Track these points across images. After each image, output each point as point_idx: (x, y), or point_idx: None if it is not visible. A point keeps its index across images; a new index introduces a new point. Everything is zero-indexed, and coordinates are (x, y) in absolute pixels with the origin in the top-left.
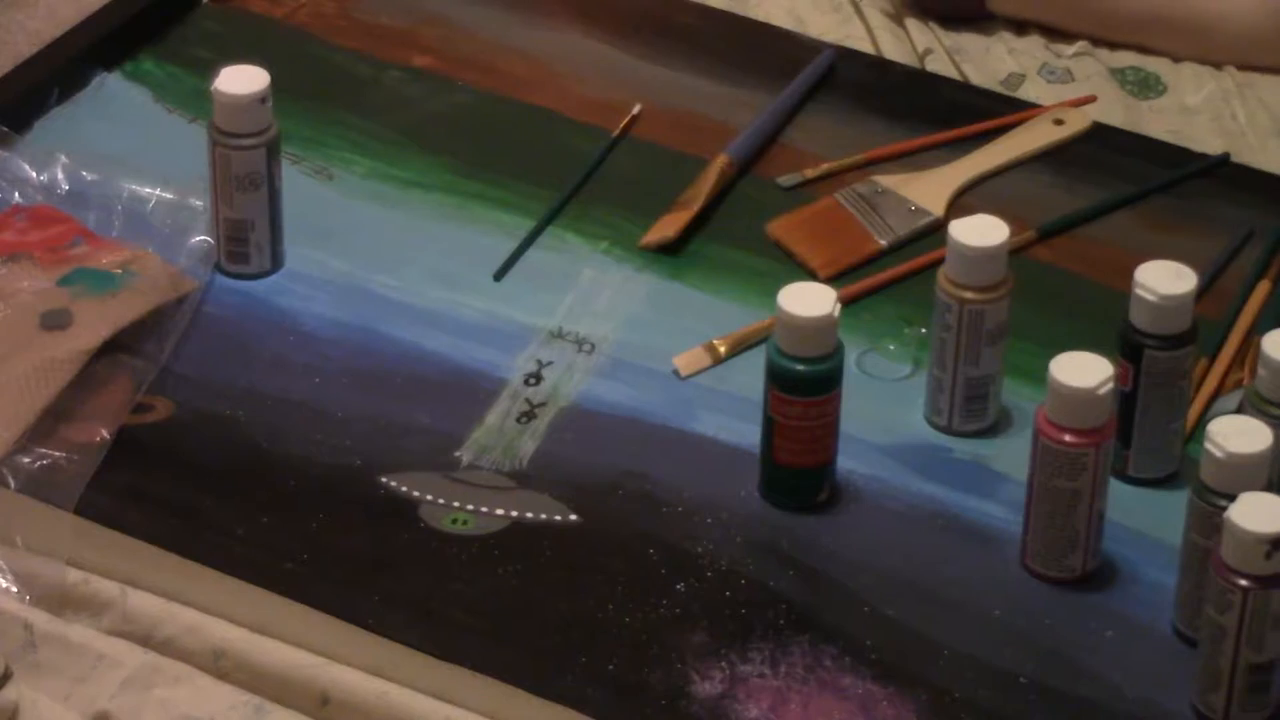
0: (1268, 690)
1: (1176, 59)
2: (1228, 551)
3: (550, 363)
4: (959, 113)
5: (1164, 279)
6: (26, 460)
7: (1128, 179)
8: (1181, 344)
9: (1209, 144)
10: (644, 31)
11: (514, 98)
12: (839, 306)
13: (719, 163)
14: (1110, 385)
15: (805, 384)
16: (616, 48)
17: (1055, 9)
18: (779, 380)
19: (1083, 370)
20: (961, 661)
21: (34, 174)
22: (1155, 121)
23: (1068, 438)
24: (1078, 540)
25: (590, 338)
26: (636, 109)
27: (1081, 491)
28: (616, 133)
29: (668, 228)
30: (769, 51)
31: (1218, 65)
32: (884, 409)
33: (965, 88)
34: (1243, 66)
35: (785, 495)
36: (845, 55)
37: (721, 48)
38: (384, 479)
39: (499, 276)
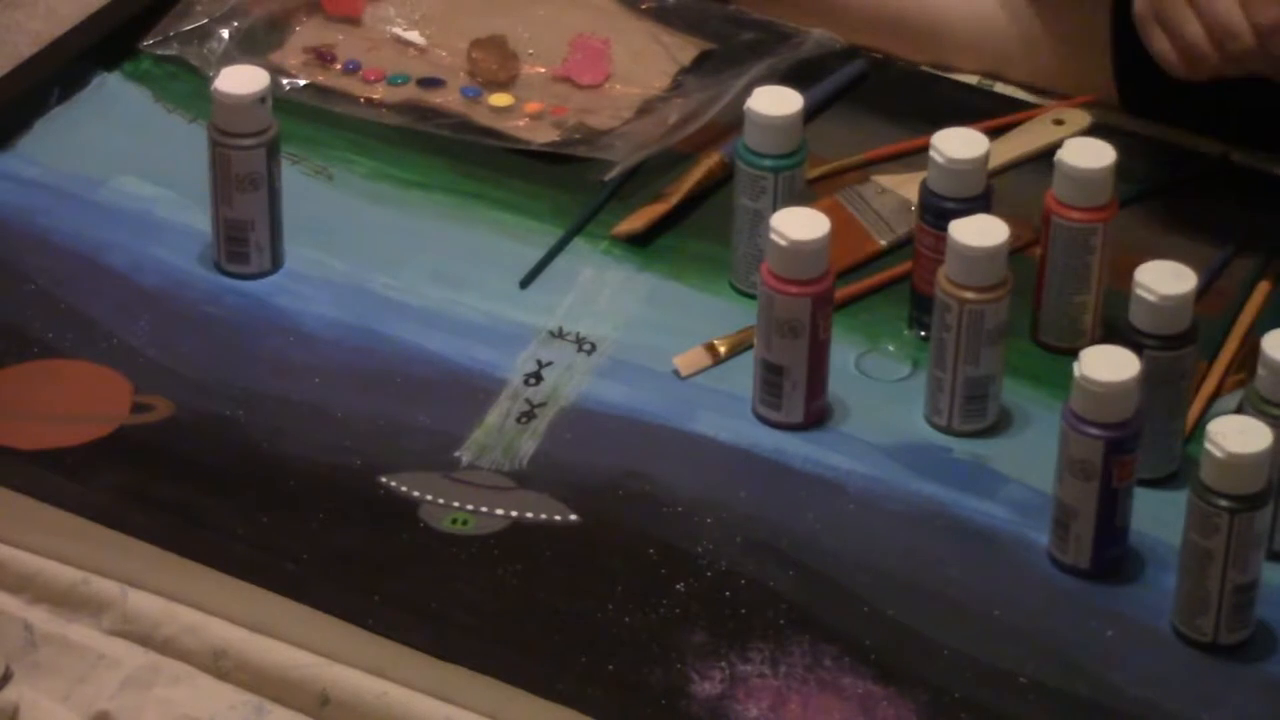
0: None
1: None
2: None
3: (550, 363)
4: (959, 113)
5: (1164, 279)
6: (27, 455)
7: (1128, 179)
8: (1181, 344)
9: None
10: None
11: None
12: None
13: (708, 160)
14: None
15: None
16: None
17: (783, 5)
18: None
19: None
20: (961, 661)
21: None
22: None
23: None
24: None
25: (590, 338)
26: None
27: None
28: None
29: (637, 220)
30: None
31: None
32: (884, 409)
33: (965, 88)
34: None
35: None
36: (845, 54)
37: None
38: (384, 479)
39: (525, 284)
